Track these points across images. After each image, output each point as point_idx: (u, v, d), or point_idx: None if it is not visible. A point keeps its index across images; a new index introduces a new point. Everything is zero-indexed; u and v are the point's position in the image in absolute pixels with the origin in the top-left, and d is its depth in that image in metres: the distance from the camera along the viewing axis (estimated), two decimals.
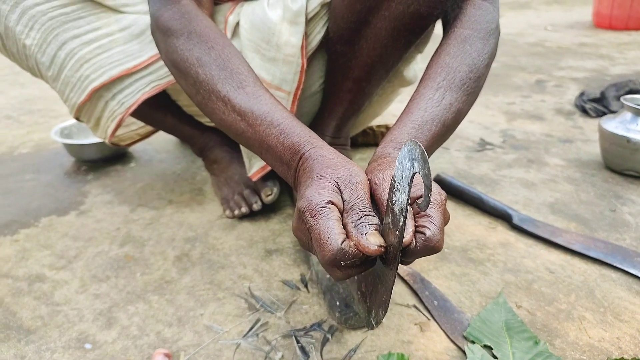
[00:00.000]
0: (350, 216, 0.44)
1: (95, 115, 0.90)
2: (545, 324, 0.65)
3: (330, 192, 0.46)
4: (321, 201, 0.45)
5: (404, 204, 0.41)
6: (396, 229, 0.43)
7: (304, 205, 0.45)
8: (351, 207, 0.45)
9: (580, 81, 1.71)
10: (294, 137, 0.54)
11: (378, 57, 0.79)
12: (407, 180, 0.39)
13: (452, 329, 0.65)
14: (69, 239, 0.91)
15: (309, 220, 0.44)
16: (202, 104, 0.64)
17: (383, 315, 0.52)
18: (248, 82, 0.61)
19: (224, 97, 0.60)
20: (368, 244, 0.42)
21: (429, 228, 0.45)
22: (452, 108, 0.60)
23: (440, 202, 0.47)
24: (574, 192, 0.98)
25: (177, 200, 1.03)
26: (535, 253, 0.81)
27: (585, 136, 1.25)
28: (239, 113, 0.59)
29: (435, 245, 0.45)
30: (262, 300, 0.72)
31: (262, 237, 0.89)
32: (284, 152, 0.54)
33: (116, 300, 0.74)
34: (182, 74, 0.65)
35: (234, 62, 0.63)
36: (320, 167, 0.50)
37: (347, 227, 0.44)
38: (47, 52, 0.82)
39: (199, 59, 0.63)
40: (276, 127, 0.56)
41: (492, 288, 0.73)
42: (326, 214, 0.44)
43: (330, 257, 0.42)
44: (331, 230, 0.43)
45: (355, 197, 0.46)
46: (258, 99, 0.59)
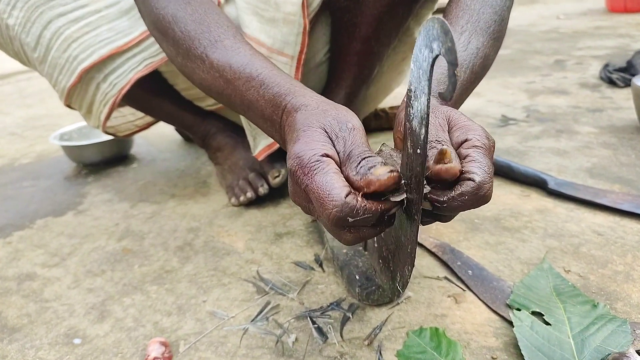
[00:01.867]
0: (349, 165, 0.38)
1: (87, 100, 0.84)
2: (601, 288, 0.56)
3: (323, 143, 0.39)
4: (313, 155, 0.38)
5: (424, 108, 0.33)
6: (416, 146, 0.35)
7: (294, 164, 0.39)
8: (348, 156, 0.38)
9: (602, 58, 1.62)
10: (273, 88, 0.47)
11: (386, 7, 0.72)
12: (426, 74, 0.31)
13: (492, 298, 0.56)
14: (65, 237, 0.84)
15: (303, 180, 0.38)
16: (182, 66, 0.58)
17: (409, 273, 0.44)
18: (227, 35, 0.55)
19: (201, 53, 0.54)
20: (375, 177, 0.35)
21: (477, 173, 0.37)
22: (480, 53, 0.53)
23: (488, 147, 0.40)
24: (613, 156, 0.89)
25: (180, 194, 0.96)
26: (578, 217, 0.71)
27: (616, 104, 1.16)
28: (217, 69, 0.53)
29: (485, 194, 0.37)
30: (272, 282, 0.64)
31: (271, 221, 0.81)
32: (265, 106, 0.48)
33: (111, 293, 0.66)
34: (162, 34, 0.59)
35: (212, 16, 0.57)
36: (304, 117, 0.43)
37: (349, 179, 0.37)
38: (31, 31, 0.77)
39: (174, 16, 0.57)
40: (255, 79, 0.49)
41: (533, 255, 0.63)
42: (321, 167, 0.37)
43: (335, 215, 0.35)
44: (331, 184, 0.36)
45: (351, 144, 0.39)
46: (237, 52, 0.53)
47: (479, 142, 0.40)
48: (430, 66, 0.31)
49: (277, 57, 0.75)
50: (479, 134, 0.40)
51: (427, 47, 0.30)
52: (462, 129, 0.41)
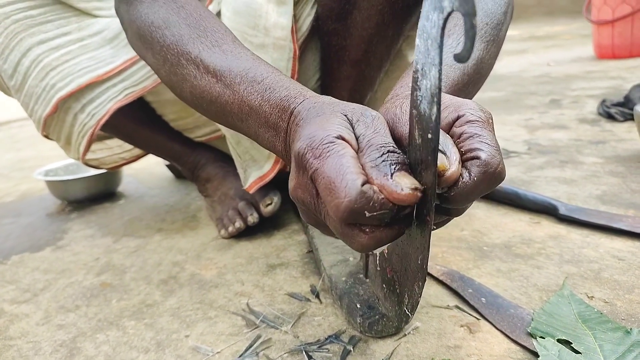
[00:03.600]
0: (368, 154, 0.32)
1: (65, 131, 0.80)
2: (630, 314, 0.50)
3: (339, 125, 0.34)
4: (327, 135, 0.33)
5: (435, 83, 0.29)
6: (427, 131, 0.30)
7: (303, 145, 0.33)
8: (368, 143, 0.33)
9: (597, 97, 1.61)
10: (281, 91, 0.42)
11: (375, 29, 0.70)
12: (436, 42, 0.28)
13: (510, 327, 0.49)
14: (39, 272, 0.77)
15: (312, 164, 0.32)
16: (170, 75, 0.53)
17: (420, 291, 0.38)
18: (225, 39, 0.51)
19: (195, 57, 0.49)
20: (396, 189, 0.30)
21: (482, 149, 0.32)
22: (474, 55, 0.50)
23: (486, 120, 0.34)
24: (623, 183, 0.84)
25: (167, 228, 0.90)
26: (595, 242, 0.66)
27: (619, 137, 1.13)
28: (214, 74, 0.48)
29: (497, 171, 0.32)
30: (264, 315, 0.57)
31: (263, 253, 0.75)
32: (270, 111, 0.42)
33: (83, 330, 0.59)
34: (146, 43, 0.54)
35: (209, 21, 0.53)
36: (318, 107, 0.38)
37: (365, 168, 0.31)
38: (9, 58, 0.74)
39: (166, 20, 0.53)
40: (260, 84, 0.44)
41: (551, 281, 0.58)
42: (336, 150, 0.32)
43: (347, 206, 0.30)
44: (346, 168, 0.30)
45: (373, 131, 0.34)
46: (237, 56, 0.48)
47: (473, 115, 0.34)
48: (440, 30, 0.27)
49: None
50: (471, 107, 0.35)
51: (436, 8, 0.27)
52: (450, 107, 0.36)
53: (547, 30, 4.52)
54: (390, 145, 0.33)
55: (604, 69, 2.22)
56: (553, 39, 3.87)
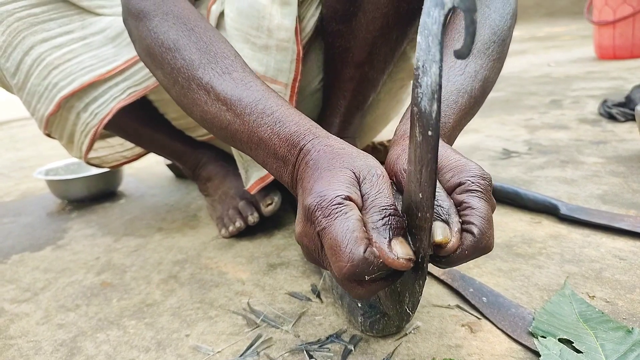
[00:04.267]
0: (370, 214, 0.35)
1: (68, 130, 0.80)
2: (632, 313, 0.50)
3: (348, 185, 0.36)
4: (337, 196, 0.35)
5: (436, 80, 0.29)
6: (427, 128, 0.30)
7: (314, 202, 0.36)
8: (372, 204, 0.36)
9: (597, 97, 1.61)
10: (291, 126, 0.44)
11: (379, 31, 0.70)
12: (437, 38, 0.27)
13: (512, 326, 0.49)
14: (39, 272, 0.77)
15: (320, 222, 0.35)
16: (181, 97, 0.54)
17: (420, 290, 0.39)
18: (235, 67, 0.51)
19: (206, 84, 0.50)
20: (392, 256, 0.33)
21: (475, 224, 0.35)
22: (478, 76, 0.51)
23: (484, 188, 0.37)
24: (624, 183, 0.84)
25: (167, 228, 0.90)
26: (596, 242, 0.66)
27: (620, 137, 1.13)
28: (224, 102, 0.48)
29: (486, 245, 0.35)
30: (264, 314, 0.57)
31: (264, 252, 0.75)
32: (279, 144, 0.44)
33: (83, 329, 0.59)
34: (157, 62, 0.55)
35: (218, 46, 0.53)
36: (329, 157, 0.40)
37: (367, 227, 0.35)
38: (12, 57, 0.74)
39: (176, 42, 0.53)
40: (269, 116, 0.46)
41: (552, 281, 0.58)
42: (344, 212, 0.34)
43: (349, 270, 0.33)
44: (351, 235, 0.33)
45: (377, 191, 0.36)
46: (247, 85, 0.49)
47: (474, 185, 0.37)
48: (441, 26, 0.27)
49: (270, 85, 0.72)
50: (473, 174, 0.38)
51: (437, 5, 0.27)
52: (454, 170, 0.39)
53: (548, 31, 4.52)
54: (392, 208, 0.35)
55: (604, 70, 2.22)
56: (553, 39, 3.87)
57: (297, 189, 0.43)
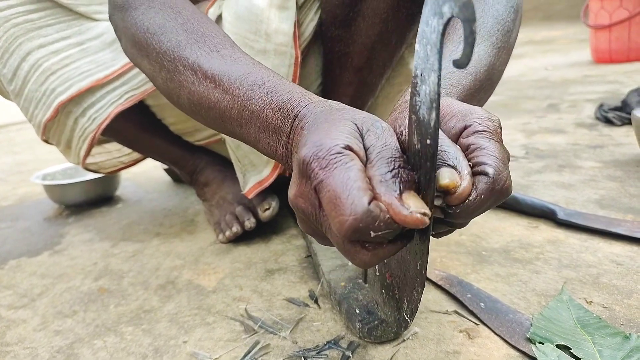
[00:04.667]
0: (377, 167, 0.31)
1: (65, 136, 0.80)
2: (629, 319, 0.50)
3: (347, 134, 0.32)
4: (335, 145, 0.31)
5: (434, 89, 0.29)
6: (426, 137, 0.30)
7: (309, 153, 0.32)
8: (378, 155, 0.32)
9: (594, 101, 1.62)
10: (284, 95, 0.41)
11: (378, 36, 0.70)
12: (435, 47, 0.28)
13: (509, 332, 0.49)
14: (37, 277, 0.77)
15: (317, 174, 0.31)
16: (167, 82, 0.52)
17: (419, 296, 0.38)
18: (224, 44, 0.50)
19: (192, 63, 0.48)
20: (405, 211, 0.29)
21: (489, 163, 0.31)
22: (483, 60, 0.49)
23: (494, 130, 0.34)
24: (621, 188, 0.85)
25: (165, 233, 0.90)
26: (593, 247, 0.66)
27: (616, 141, 1.13)
28: (212, 79, 0.46)
29: (504, 187, 0.32)
30: (262, 320, 0.57)
31: (261, 258, 0.75)
32: (272, 115, 0.41)
33: (81, 335, 0.59)
34: (142, 50, 0.53)
35: (206, 26, 0.52)
36: (327, 113, 0.36)
37: (372, 181, 0.31)
38: (9, 63, 0.74)
39: (163, 26, 0.51)
40: (260, 87, 0.43)
41: (549, 286, 0.58)
42: (344, 161, 0.31)
43: (352, 224, 0.29)
44: (353, 184, 0.29)
45: (383, 143, 0.33)
46: (236, 60, 0.47)
47: (481, 125, 0.34)
48: (440, 36, 0.27)
49: None
50: (479, 115, 0.35)
51: (436, 14, 0.27)
52: (457, 115, 0.36)
53: (545, 35, 4.54)
54: (401, 160, 0.32)
55: (601, 73, 2.23)
56: (550, 43, 3.88)
57: (292, 160, 0.39)
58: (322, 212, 0.33)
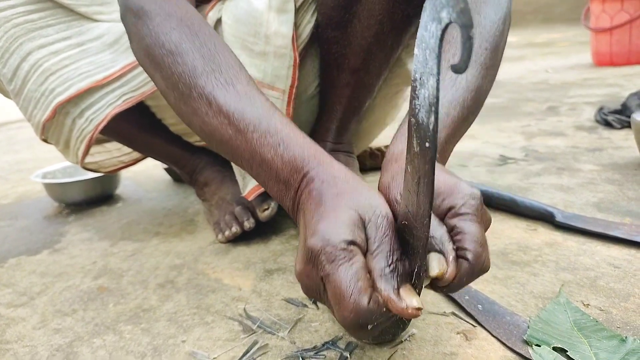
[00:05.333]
0: (377, 260, 0.36)
1: (64, 136, 0.80)
2: (626, 322, 0.50)
3: (353, 229, 0.37)
4: (341, 241, 0.36)
5: (433, 93, 0.29)
6: (424, 140, 0.31)
7: (318, 246, 0.36)
8: (378, 249, 0.37)
9: (594, 104, 1.62)
10: (295, 149, 0.44)
11: (374, 37, 0.70)
12: (434, 52, 0.28)
13: (507, 334, 0.50)
14: (36, 275, 0.77)
15: (325, 267, 0.36)
16: (180, 103, 0.52)
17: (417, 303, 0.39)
18: (240, 79, 0.50)
19: (208, 94, 0.48)
20: (402, 305, 0.34)
21: (469, 249, 0.37)
22: (471, 86, 0.50)
23: (475, 209, 0.38)
24: (619, 191, 0.85)
25: (164, 232, 0.90)
26: (591, 250, 0.66)
27: (616, 144, 1.13)
28: (227, 116, 0.47)
29: (481, 268, 0.38)
30: (261, 320, 0.57)
31: (260, 258, 0.75)
32: (282, 167, 0.44)
33: (80, 334, 0.59)
34: (155, 65, 0.53)
35: (223, 54, 0.52)
36: (334, 192, 0.40)
37: (373, 275, 0.36)
38: (9, 63, 0.74)
39: (179, 46, 0.51)
40: (273, 136, 0.45)
41: (547, 289, 0.58)
42: (348, 259, 0.35)
43: (353, 319, 0.35)
44: (355, 284, 0.35)
45: (383, 235, 0.37)
46: (251, 100, 0.48)
47: (464, 207, 0.38)
48: (439, 41, 0.27)
49: (268, 91, 0.72)
50: (462, 195, 0.39)
51: (435, 19, 0.27)
52: (443, 194, 0.40)
53: (545, 37, 4.54)
54: (398, 252, 0.37)
55: (601, 76, 2.23)
56: (551, 46, 3.89)
57: (297, 217, 0.44)
58: (326, 296, 0.37)
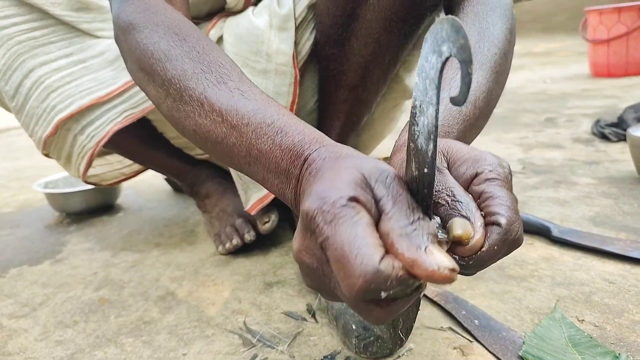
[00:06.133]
0: (395, 219, 0.29)
1: (65, 151, 0.81)
2: (620, 338, 0.51)
3: (354, 185, 0.30)
4: (340, 197, 0.29)
5: (432, 121, 0.30)
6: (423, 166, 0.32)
7: (312, 206, 0.29)
8: (395, 206, 0.29)
9: (591, 116, 1.64)
10: (294, 136, 0.39)
11: (371, 55, 0.72)
12: (434, 82, 0.29)
13: (502, 350, 0.50)
14: (38, 286, 0.78)
15: (322, 229, 0.29)
16: (172, 111, 0.50)
17: (414, 316, 0.40)
18: (231, 75, 0.47)
19: (199, 94, 0.46)
20: (430, 265, 0.26)
21: (502, 213, 0.31)
22: (482, 87, 0.49)
23: (504, 177, 0.34)
24: (615, 205, 0.86)
25: (165, 243, 0.91)
26: (587, 265, 0.67)
27: (612, 157, 1.15)
28: (219, 113, 0.44)
29: (516, 238, 0.31)
30: (260, 334, 0.58)
31: (260, 270, 0.76)
32: (281, 156, 0.39)
33: (81, 346, 0.60)
34: (147, 75, 0.52)
35: (213, 54, 0.50)
36: (334, 159, 0.35)
37: (392, 236, 0.28)
38: (11, 79, 0.75)
39: (168, 52, 0.50)
40: (270, 126, 0.40)
41: (543, 304, 0.59)
42: (350, 215, 0.28)
43: (362, 286, 0.26)
44: (362, 240, 0.27)
45: (396, 193, 0.30)
46: (245, 94, 0.45)
47: (492, 173, 0.34)
48: (439, 72, 0.28)
49: None
50: (490, 162, 0.35)
51: (435, 52, 0.28)
52: (468, 161, 0.36)
53: (544, 47, 4.58)
54: (419, 210, 0.30)
55: (599, 88, 2.25)
56: (549, 55, 3.92)
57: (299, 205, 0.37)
58: (330, 269, 0.30)
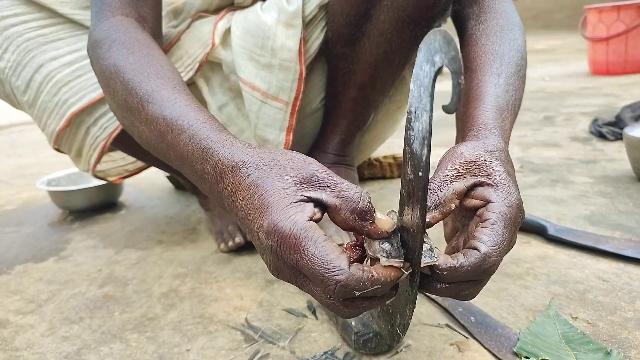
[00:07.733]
0: (342, 211, 0.36)
1: (77, 144, 0.82)
2: (612, 335, 0.53)
3: (296, 206, 0.35)
4: (293, 225, 0.34)
5: (426, 127, 0.31)
6: (418, 169, 0.33)
7: (274, 241, 0.34)
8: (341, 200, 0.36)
9: (590, 115, 1.65)
10: (202, 142, 0.43)
11: (382, 55, 0.73)
12: (427, 90, 0.30)
13: (498, 346, 0.52)
14: (43, 283, 0.79)
15: (291, 257, 0.34)
16: (123, 120, 0.54)
17: (411, 313, 0.41)
18: (166, 85, 0.51)
19: (137, 104, 0.50)
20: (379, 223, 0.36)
21: (486, 243, 0.36)
22: (517, 95, 0.55)
23: (513, 219, 0.38)
24: (610, 204, 0.87)
25: (167, 240, 0.93)
26: (581, 263, 0.69)
27: (609, 156, 1.16)
28: (152, 121, 0.48)
29: (489, 268, 0.36)
30: (262, 330, 0.60)
31: (262, 268, 0.77)
32: (195, 161, 0.43)
33: (87, 342, 0.61)
34: (104, 86, 0.56)
35: (153, 67, 0.53)
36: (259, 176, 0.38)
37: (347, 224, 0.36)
38: (22, 75, 0.76)
39: (116, 66, 0.54)
40: (185, 132, 0.45)
41: (538, 301, 0.60)
42: (309, 237, 0.34)
43: (340, 290, 0.33)
44: (327, 256, 0.33)
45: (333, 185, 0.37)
46: (171, 102, 0.48)
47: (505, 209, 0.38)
48: (432, 81, 0.30)
49: (271, 102, 0.75)
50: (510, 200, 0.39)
51: (429, 61, 0.29)
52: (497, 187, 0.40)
53: (545, 44, 4.58)
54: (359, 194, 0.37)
55: (598, 86, 2.26)
56: (550, 53, 3.92)
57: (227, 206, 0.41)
58: (306, 279, 0.36)
